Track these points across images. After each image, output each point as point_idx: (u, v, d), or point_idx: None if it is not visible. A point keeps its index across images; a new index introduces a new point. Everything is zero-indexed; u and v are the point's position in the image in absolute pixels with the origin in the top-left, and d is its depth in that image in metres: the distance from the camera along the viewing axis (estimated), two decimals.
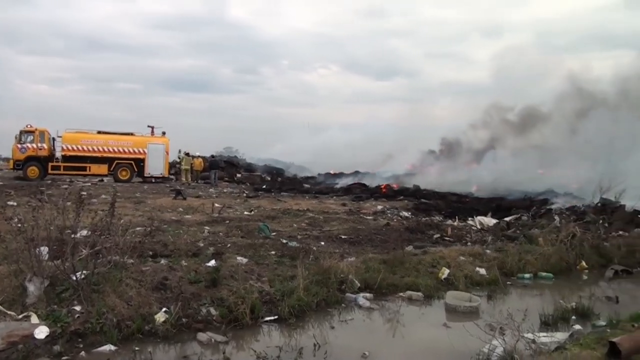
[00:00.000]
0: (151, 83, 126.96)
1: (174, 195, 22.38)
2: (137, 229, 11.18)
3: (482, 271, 11.29)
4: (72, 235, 7.73)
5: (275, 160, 48.84)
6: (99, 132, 33.64)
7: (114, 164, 32.85)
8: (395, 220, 18.35)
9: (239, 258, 10.30)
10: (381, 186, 31.95)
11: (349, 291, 9.47)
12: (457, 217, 19.28)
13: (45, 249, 7.70)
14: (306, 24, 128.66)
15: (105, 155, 32.72)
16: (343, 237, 14.16)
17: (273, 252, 11.32)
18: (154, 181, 33.55)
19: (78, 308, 7.19)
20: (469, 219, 18.76)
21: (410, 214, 20.79)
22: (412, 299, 9.72)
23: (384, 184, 32.97)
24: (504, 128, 36.72)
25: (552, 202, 22.23)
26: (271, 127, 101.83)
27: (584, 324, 8.37)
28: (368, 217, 19.00)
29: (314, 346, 7.16)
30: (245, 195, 26.62)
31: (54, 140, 32.62)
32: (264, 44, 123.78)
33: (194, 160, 36.54)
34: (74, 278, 7.38)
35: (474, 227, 17.21)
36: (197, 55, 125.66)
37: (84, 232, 8.65)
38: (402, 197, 27.48)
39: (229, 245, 11.75)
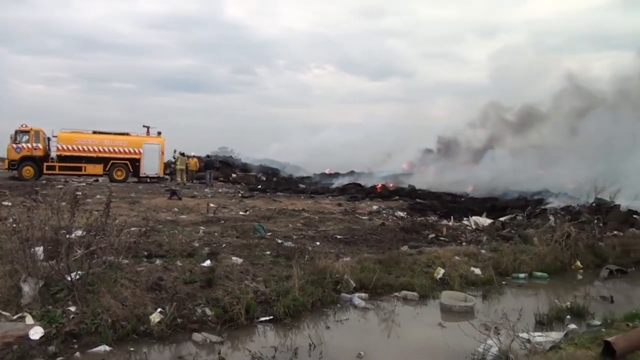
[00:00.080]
0: (147, 83, 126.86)
1: (169, 196, 22.34)
2: (132, 229, 11.15)
3: (477, 271, 11.31)
4: (67, 236, 7.69)
5: (271, 160, 48.85)
6: (94, 132, 33.58)
7: (110, 164, 32.81)
8: (390, 220, 18.36)
9: (234, 258, 10.30)
10: (376, 186, 31.96)
11: (345, 291, 9.47)
12: (452, 217, 19.29)
13: (40, 249, 7.68)
14: (302, 23, 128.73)
15: (100, 155, 32.67)
16: (338, 237, 14.16)
17: (268, 252, 11.31)
18: (149, 181, 33.51)
19: (73, 308, 7.17)
20: (464, 219, 18.79)
21: (405, 214, 20.80)
22: (407, 298, 9.73)
23: (379, 184, 32.98)
24: (502, 127, 36.72)
25: (547, 202, 22.27)
26: (267, 127, 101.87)
27: (578, 323, 8.39)
28: (363, 217, 18.99)
29: (309, 346, 7.16)
30: (240, 195, 26.59)
31: (49, 140, 32.55)
32: (259, 43, 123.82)
33: (189, 160, 36.51)
34: (69, 278, 7.36)
35: (469, 227, 17.25)
36: (193, 55, 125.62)
37: (79, 233, 8.62)
38: (397, 197, 27.50)
39: (224, 245, 11.73)
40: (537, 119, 34.33)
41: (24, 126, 31.57)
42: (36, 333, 6.51)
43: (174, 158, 36.95)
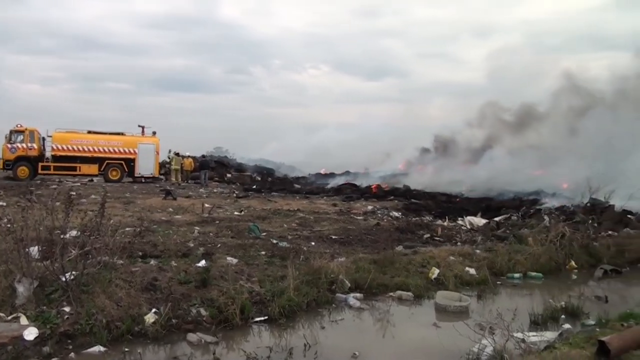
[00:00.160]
0: (142, 83, 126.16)
1: (163, 196, 22.32)
2: (127, 229, 11.14)
3: (472, 271, 11.32)
4: (62, 236, 7.68)
5: (266, 161, 48.76)
6: (89, 132, 33.52)
7: (104, 164, 32.73)
8: (385, 221, 18.37)
9: (229, 258, 10.30)
10: (372, 186, 31.97)
11: (340, 291, 9.47)
12: (447, 217, 19.31)
13: (34, 250, 7.67)
14: (297, 23, 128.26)
15: (95, 155, 32.60)
16: (333, 237, 14.16)
17: (263, 253, 11.31)
18: (143, 181, 33.43)
19: (67, 309, 7.16)
20: (459, 219, 18.81)
21: (400, 214, 20.80)
22: (402, 298, 9.74)
23: (374, 184, 32.98)
24: (499, 127, 36.64)
25: (542, 202, 22.30)
26: (264, 127, 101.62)
27: (573, 323, 8.41)
28: (358, 217, 19.01)
29: (304, 346, 7.17)
30: (235, 195, 26.55)
31: (44, 140, 32.48)
32: (255, 43, 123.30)
33: (184, 160, 36.45)
34: (64, 279, 7.35)
35: (463, 227, 17.27)
36: (189, 55, 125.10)
37: (74, 233, 8.60)
38: (392, 197, 27.51)
39: (219, 245, 11.73)
40: (535, 118, 34.24)
41: (18, 126, 31.46)
42: (31, 334, 6.50)
43: (168, 158, 36.87)
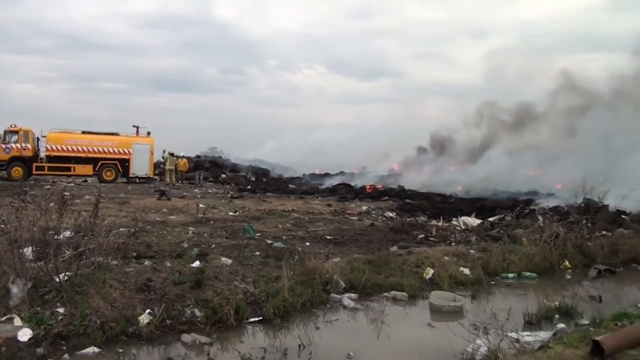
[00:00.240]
0: (137, 82, 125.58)
1: (158, 196, 22.24)
2: (121, 229, 11.13)
3: (466, 271, 11.34)
4: (55, 237, 7.66)
5: (260, 161, 48.66)
6: (84, 132, 33.36)
7: (99, 164, 32.57)
8: (380, 221, 18.39)
9: (223, 259, 10.27)
10: (366, 187, 31.98)
11: (334, 292, 9.48)
12: (441, 217, 19.34)
13: (28, 250, 7.64)
14: (292, 24, 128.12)
15: (89, 155, 32.43)
16: (328, 237, 14.16)
17: (258, 253, 11.30)
18: (138, 181, 33.33)
19: (61, 310, 7.14)
20: (453, 219, 18.83)
21: (395, 214, 20.83)
22: (396, 299, 9.75)
23: (369, 184, 32.98)
24: (496, 127, 36.62)
25: (536, 202, 22.34)
26: (259, 127, 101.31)
27: (567, 323, 8.44)
28: (353, 218, 19.02)
29: (298, 347, 7.16)
30: (230, 195, 26.54)
31: (38, 140, 32.28)
32: (250, 43, 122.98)
33: (178, 161, 36.32)
34: (58, 279, 7.33)
35: (458, 228, 17.29)
36: (183, 55, 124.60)
37: (67, 233, 8.58)
38: (386, 198, 27.52)
39: (213, 246, 11.71)
40: (533, 118, 34.23)
41: (12, 126, 31.30)
42: (25, 335, 6.49)
43: (163, 158, 36.77)
